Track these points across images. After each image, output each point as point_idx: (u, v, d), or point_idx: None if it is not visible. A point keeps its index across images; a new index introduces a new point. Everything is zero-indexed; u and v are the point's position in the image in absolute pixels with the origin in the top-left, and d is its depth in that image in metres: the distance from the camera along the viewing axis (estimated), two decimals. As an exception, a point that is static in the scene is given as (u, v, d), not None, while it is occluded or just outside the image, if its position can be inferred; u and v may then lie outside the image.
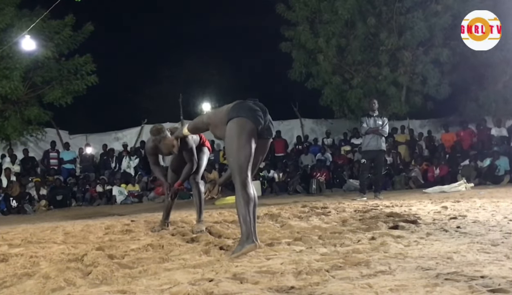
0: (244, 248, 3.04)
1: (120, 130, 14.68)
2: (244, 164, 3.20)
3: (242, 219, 3.17)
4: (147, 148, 4.60)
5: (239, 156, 3.19)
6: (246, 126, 3.24)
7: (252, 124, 3.25)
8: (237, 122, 3.25)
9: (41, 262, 3.13)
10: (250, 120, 3.25)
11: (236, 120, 3.25)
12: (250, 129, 3.24)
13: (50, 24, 12.26)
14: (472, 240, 3.10)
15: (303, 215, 5.30)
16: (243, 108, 3.31)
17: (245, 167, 3.21)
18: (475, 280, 2.07)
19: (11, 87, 11.43)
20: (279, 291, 2.09)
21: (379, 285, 2.06)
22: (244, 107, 3.32)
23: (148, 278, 2.48)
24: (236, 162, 3.20)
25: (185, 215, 5.93)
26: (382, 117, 8.41)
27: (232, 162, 3.24)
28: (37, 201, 10.69)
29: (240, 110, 3.29)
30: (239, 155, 3.19)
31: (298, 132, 14.66)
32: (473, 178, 10.11)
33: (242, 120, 3.25)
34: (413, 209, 5.49)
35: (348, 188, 11.06)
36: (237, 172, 3.20)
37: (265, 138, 3.41)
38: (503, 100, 12.17)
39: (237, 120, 3.25)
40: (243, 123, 3.24)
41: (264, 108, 3.40)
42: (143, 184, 11.94)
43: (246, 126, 3.24)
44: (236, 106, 3.35)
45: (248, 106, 3.33)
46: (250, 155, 3.23)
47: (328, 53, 12.76)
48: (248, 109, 3.30)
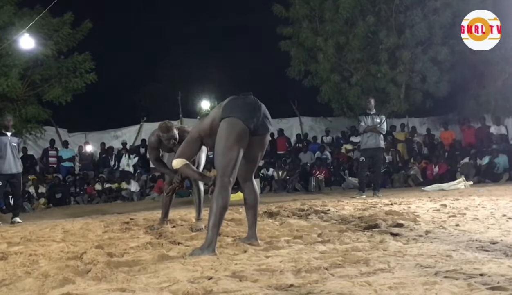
0: (203, 254, 2.96)
1: (119, 129, 14.67)
2: (228, 167, 3.11)
3: (212, 224, 3.05)
4: (151, 141, 4.58)
5: (224, 158, 3.13)
6: (236, 127, 3.15)
7: (243, 125, 3.16)
8: (228, 122, 3.16)
9: (41, 260, 3.13)
10: (242, 120, 3.16)
11: (228, 120, 3.17)
12: (241, 130, 3.16)
13: (49, 22, 12.23)
14: (471, 238, 3.10)
15: (302, 213, 5.30)
16: (235, 106, 3.22)
17: (229, 170, 3.11)
18: (474, 278, 2.07)
19: (9, 85, 11.39)
20: (279, 289, 2.09)
21: (378, 283, 2.07)
22: (236, 105, 3.23)
23: (147, 276, 2.48)
24: (221, 163, 3.15)
25: (184, 213, 5.94)
26: (380, 115, 8.42)
27: (217, 163, 3.18)
28: (36, 199, 10.68)
29: (233, 109, 3.20)
30: (224, 157, 3.13)
31: (297, 130, 14.66)
32: (472, 176, 10.12)
33: (234, 120, 3.16)
34: (412, 207, 5.49)
35: (347, 186, 11.07)
36: (220, 174, 3.13)
37: (260, 135, 3.30)
38: (502, 98, 12.17)
39: (229, 120, 3.17)
40: (234, 124, 3.15)
41: (257, 104, 3.29)
42: (142, 182, 11.94)
43: (237, 127, 3.15)
44: (228, 104, 3.25)
45: (240, 104, 3.24)
46: (236, 158, 3.13)
47: (327, 52, 12.75)
48: (240, 108, 3.21)
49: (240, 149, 3.16)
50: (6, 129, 7.33)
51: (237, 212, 5.76)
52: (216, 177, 3.15)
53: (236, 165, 3.14)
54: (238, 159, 3.15)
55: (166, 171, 4.76)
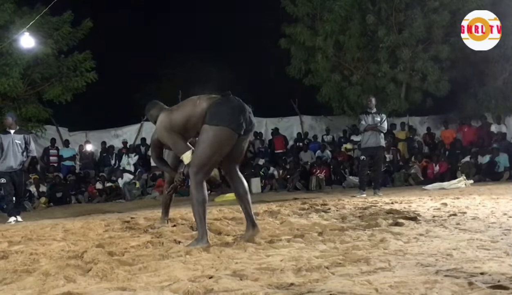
0: (197, 246, 3.15)
1: (120, 128, 14.68)
2: (205, 167, 3.24)
3: (198, 219, 3.25)
4: (154, 139, 4.52)
5: (203, 159, 3.21)
6: (224, 137, 3.18)
7: (233, 133, 3.19)
8: (216, 131, 3.16)
9: (41, 259, 3.13)
10: (232, 128, 3.18)
11: (217, 129, 3.16)
12: (229, 139, 3.20)
13: (50, 21, 12.24)
14: (472, 236, 3.10)
15: (303, 212, 5.30)
16: (223, 113, 3.19)
17: (205, 171, 3.26)
18: (474, 277, 2.07)
19: (10, 84, 11.41)
20: (279, 288, 2.09)
21: (378, 282, 2.07)
22: (224, 112, 3.20)
23: (148, 275, 2.48)
24: (199, 162, 3.22)
25: (184, 212, 5.93)
26: (381, 114, 8.42)
27: (195, 160, 3.23)
28: (37, 198, 10.69)
29: (222, 117, 3.17)
30: (203, 158, 3.21)
31: (298, 129, 14.66)
32: (472, 175, 10.11)
33: (223, 130, 3.16)
34: (413, 206, 5.49)
35: (347, 185, 11.08)
36: (196, 171, 3.22)
37: (247, 132, 3.35)
38: (503, 97, 12.17)
39: (217, 130, 3.16)
40: (223, 134, 3.16)
41: (242, 104, 3.31)
42: (143, 181, 11.94)
43: (225, 137, 3.18)
44: (215, 110, 3.20)
45: (228, 110, 3.21)
46: (215, 162, 3.31)
47: (327, 51, 12.75)
48: (229, 115, 3.19)
49: (222, 154, 3.27)
50: (10, 128, 7.35)
51: (237, 210, 5.75)
52: (190, 174, 3.26)
53: (213, 166, 3.34)
54: (216, 162, 3.34)
55: (167, 169, 4.72)
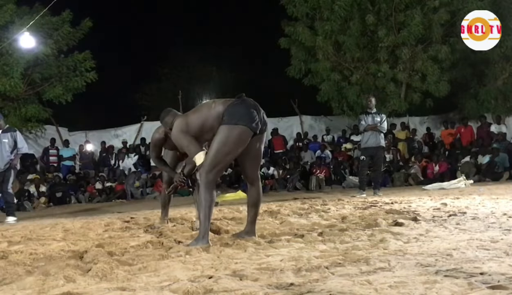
0: (197, 245, 3.16)
1: (120, 127, 14.68)
2: (217, 167, 3.24)
3: (203, 218, 3.24)
4: (155, 138, 4.47)
5: (217, 159, 3.21)
6: (242, 135, 3.21)
7: (250, 132, 3.23)
8: (234, 130, 3.20)
9: (41, 259, 3.12)
10: (249, 127, 3.22)
11: (234, 127, 3.20)
12: (246, 137, 3.23)
13: (49, 21, 12.24)
14: (472, 236, 3.10)
15: (303, 212, 5.29)
16: (241, 113, 3.24)
17: (217, 170, 3.28)
18: (474, 277, 2.07)
19: (10, 84, 11.41)
20: (279, 287, 2.09)
21: (378, 282, 2.06)
22: (241, 112, 3.25)
23: (147, 275, 2.48)
24: (212, 161, 3.22)
25: (184, 212, 5.94)
26: (381, 114, 8.42)
27: (209, 158, 3.23)
28: (37, 198, 10.69)
29: (240, 117, 3.22)
30: (217, 158, 3.21)
31: (298, 129, 14.66)
32: (472, 175, 10.11)
33: (241, 128, 3.20)
34: (413, 206, 5.49)
35: (347, 185, 11.08)
36: (207, 170, 3.22)
37: (262, 132, 3.39)
38: (503, 97, 12.18)
39: (235, 128, 3.20)
40: (241, 132, 3.20)
41: (256, 105, 3.36)
42: (143, 181, 11.94)
43: (243, 135, 3.22)
44: (232, 111, 3.25)
45: (245, 111, 3.26)
46: (227, 163, 3.37)
47: (326, 51, 12.74)
48: (246, 115, 3.24)
49: (236, 154, 3.29)
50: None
51: (237, 210, 5.76)
52: (200, 173, 3.27)
53: (225, 166, 3.38)
54: (228, 163, 3.38)
55: (166, 169, 4.72)
